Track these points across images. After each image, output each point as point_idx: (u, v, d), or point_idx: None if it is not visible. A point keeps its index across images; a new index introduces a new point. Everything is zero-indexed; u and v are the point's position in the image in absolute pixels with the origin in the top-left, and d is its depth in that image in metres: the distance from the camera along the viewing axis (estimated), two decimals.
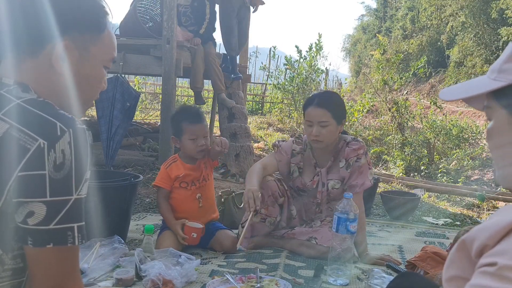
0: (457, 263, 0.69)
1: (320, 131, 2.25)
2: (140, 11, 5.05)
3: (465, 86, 0.83)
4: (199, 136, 2.35)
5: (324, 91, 2.84)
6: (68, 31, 0.95)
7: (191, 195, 2.39)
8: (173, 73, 4.25)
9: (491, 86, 0.76)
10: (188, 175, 2.38)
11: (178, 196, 2.39)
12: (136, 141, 5.18)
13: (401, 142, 6.78)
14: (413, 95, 10.30)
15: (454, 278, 0.69)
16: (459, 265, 0.68)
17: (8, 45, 0.93)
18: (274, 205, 2.38)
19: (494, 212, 0.60)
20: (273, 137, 7.68)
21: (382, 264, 2.19)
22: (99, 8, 1.00)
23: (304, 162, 2.42)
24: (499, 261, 0.59)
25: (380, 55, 8.09)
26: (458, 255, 0.69)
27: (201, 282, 1.90)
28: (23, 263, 0.89)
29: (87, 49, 0.98)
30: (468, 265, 0.66)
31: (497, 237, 0.62)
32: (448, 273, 0.70)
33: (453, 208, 3.95)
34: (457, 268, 0.69)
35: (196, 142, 2.34)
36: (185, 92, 11.16)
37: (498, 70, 0.76)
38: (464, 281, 0.65)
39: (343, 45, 22.43)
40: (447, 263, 0.71)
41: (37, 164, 0.81)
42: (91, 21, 0.98)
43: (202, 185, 2.42)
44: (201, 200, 2.41)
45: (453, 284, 0.68)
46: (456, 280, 0.68)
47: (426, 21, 14.47)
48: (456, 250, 0.69)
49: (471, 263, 0.66)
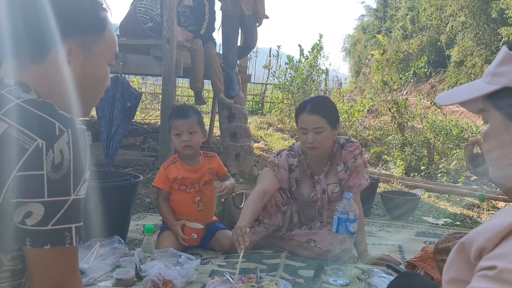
0: (456, 266, 0.68)
1: (315, 137, 2.20)
2: (140, 11, 5.05)
3: (461, 90, 0.83)
4: (183, 132, 2.34)
5: (315, 96, 2.82)
6: (71, 34, 0.95)
7: (190, 197, 2.38)
8: (173, 73, 4.25)
9: (486, 90, 0.76)
10: (187, 178, 2.37)
11: (177, 198, 2.39)
12: (136, 141, 5.18)
13: (401, 142, 6.78)
14: (413, 95, 10.30)
15: (453, 281, 0.68)
16: (458, 267, 0.68)
17: (10, 51, 0.92)
18: (277, 214, 2.38)
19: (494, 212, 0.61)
20: (273, 137, 7.68)
21: (382, 264, 2.19)
22: (99, 7, 1.00)
23: (301, 174, 2.38)
24: (499, 265, 0.59)
25: (380, 55, 8.09)
26: (457, 258, 0.68)
27: (201, 282, 1.90)
28: (22, 264, 0.88)
29: (91, 49, 0.99)
30: (467, 267, 0.66)
31: (496, 239, 0.62)
32: (447, 275, 0.70)
33: (453, 208, 3.94)
34: (456, 270, 0.68)
35: (180, 138, 2.33)
36: (185, 92, 11.15)
37: (492, 74, 0.76)
38: (463, 284, 0.65)
39: (343, 45, 22.44)
40: (447, 265, 0.70)
41: (35, 164, 0.81)
42: (93, 21, 0.98)
43: (202, 188, 2.41)
44: (201, 204, 2.40)
45: (453, 286, 0.68)
46: (456, 283, 0.68)
47: (426, 21, 14.48)
48: (455, 253, 0.69)
49: (470, 266, 0.65)
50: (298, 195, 2.39)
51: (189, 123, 2.37)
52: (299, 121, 2.26)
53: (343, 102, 8.60)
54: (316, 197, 2.35)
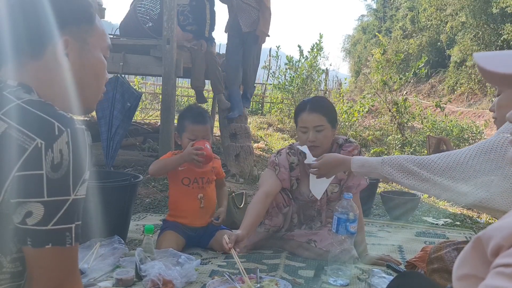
0: (470, 262, 0.66)
1: (316, 136, 2.20)
2: (140, 11, 5.05)
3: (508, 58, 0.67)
4: (199, 137, 2.33)
5: (314, 96, 2.82)
6: (66, 26, 0.96)
7: (193, 193, 2.37)
8: (173, 73, 4.25)
9: None
10: (191, 171, 2.35)
11: (179, 193, 2.37)
12: (136, 141, 5.18)
13: (401, 142, 6.79)
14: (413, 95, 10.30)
15: (466, 277, 0.66)
16: (472, 264, 0.66)
17: (10, 49, 0.93)
18: (278, 215, 2.37)
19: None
20: (273, 137, 7.68)
21: (382, 264, 2.19)
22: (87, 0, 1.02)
23: (301, 173, 2.37)
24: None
25: (380, 55, 8.10)
26: (472, 254, 0.66)
27: (201, 282, 1.90)
28: (22, 266, 0.88)
29: (86, 40, 1.00)
30: (482, 264, 0.64)
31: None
32: (460, 271, 0.67)
33: (453, 208, 3.94)
34: (470, 266, 0.66)
35: (193, 143, 2.30)
36: (185, 92, 11.16)
37: None
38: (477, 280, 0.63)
39: (343, 45, 22.43)
40: (459, 262, 0.68)
41: (35, 164, 0.81)
42: (84, 12, 1.00)
43: (204, 186, 2.39)
44: (203, 201, 2.39)
45: (465, 283, 0.66)
46: (469, 279, 0.66)
47: (426, 21, 14.48)
48: (471, 248, 0.67)
49: (485, 262, 0.63)
50: (298, 195, 2.39)
51: (206, 129, 2.37)
52: (299, 120, 2.27)
53: (342, 102, 8.60)
54: (314, 197, 2.35)
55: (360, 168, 1.80)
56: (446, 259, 1.80)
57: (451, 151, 1.64)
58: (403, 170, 1.65)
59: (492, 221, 3.25)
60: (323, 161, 1.95)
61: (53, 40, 0.94)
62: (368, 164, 1.77)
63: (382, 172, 1.71)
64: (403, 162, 1.66)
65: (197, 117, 2.37)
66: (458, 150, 1.58)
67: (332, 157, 1.95)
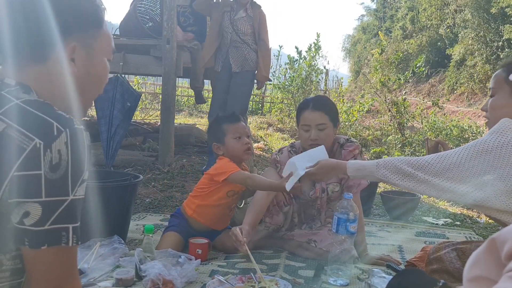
0: (483, 263, 0.65)
1: (319, 134, 2.20)
2: (140, 11, 5.05)
3: None
4: (243, 134, 2.31)
5: (316, 95, 2.81)
6: (72, 32, 0.95)
7: (230, 204, 2.34)
8: (173, 73, 4.25)
9: None
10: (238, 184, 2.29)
11: (216, 203, 2.29)
12: (136, 141, 5.18)
13: (401, 142, 6.78)
14: (413, 95, 10.30)
15: (478, 279, 0.65)
16: (485, 265, 0.65)
17: (10, 52, 0.92)
18: (279, 214, 2.37)
19: None
20: (273, 137, 7.68)
21: (382, 264, 2.19)
22: (96, 3, 1.00)
23: None
24: None
25: (379, 55, 8.09)
26: (486, 255, 0.65)
27: (201, 282, 1.90)
28: (22, 264, 0.88)
29: (92, 46, 0.99)
30: (495, 266, 0.63)
31: None
32: (472, 273, 0.66)
33: (453, 208, 3.94)
34: (482, 268, 0.65)
35: (241, 141, 2.29)
36: (185, 92, 11.15)
37: None
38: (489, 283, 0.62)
39: (343, 45, 22.41)
40: (471, 263, 0.67)
41: (33, 164, 0.81)
42: (92, 18, 0.99)
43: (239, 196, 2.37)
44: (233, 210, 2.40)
45: (477, 284, 0.65)
46: (481, 281, 0.65)
47: (426, 21, 14.47)
48: (485, 250, 0.66)
49: (498, 265, 0.63)
50: (299, 193, 2.39)
51: (245, 126, 2.36)
52: (302, 118, 2.26)
53: (342, 102, 8.60)
54: (314, 196, 2.35)
55: (356, 172, 1.80)
56: (445, 260, 1.79)
57: (446, 151, 1.64)
58: (399, 172, 1.65)
59: (492, 221, 3.24)
60: (319, 166, 1.95)
61: (58, 46, 0.93)
62: (363, 168, 1.78)
63: (378, 175, 1.71)
64: (398, 164, 1.66)
65: (232, 117, 2.38)
66: (453, 151, 1.59)
67: (328, 162, 1.96)
